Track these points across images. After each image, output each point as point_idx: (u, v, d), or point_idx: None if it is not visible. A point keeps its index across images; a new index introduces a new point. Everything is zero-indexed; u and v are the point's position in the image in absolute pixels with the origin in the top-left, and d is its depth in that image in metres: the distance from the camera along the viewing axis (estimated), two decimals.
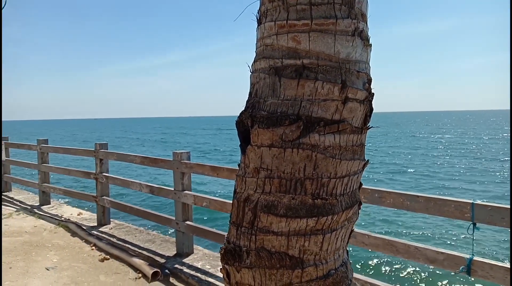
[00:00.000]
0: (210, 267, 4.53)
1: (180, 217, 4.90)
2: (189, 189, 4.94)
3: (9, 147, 8.72)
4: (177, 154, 4.91)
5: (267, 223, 1.25)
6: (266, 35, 1.31)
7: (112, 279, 4.35)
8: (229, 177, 4.53)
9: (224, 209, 4.52)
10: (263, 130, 1.24)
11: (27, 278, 4.29)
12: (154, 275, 4.34)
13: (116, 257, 4.91)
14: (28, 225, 6.35)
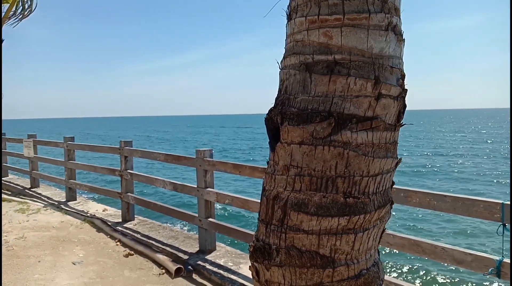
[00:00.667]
0: (233, 264, 4.54)
1: (203, 214, 4.93)
2: (212, 186, 4.96)
3: (37, 145, 8.97)
4: (200, 152, 4.94)
5: (297, 221, 1.24)
6: (296, 30, 1.29)
7: (136, 274, 4.42)
8: (251, 175, 4.53)
9: (246, 206, 4.53)
10: (293, 127, 1.22)
11: (55, 272, 4.40)
12: (178, 271, 4.38)
13: (140, 253, 4.98)
14: (55, 220, 6.52)
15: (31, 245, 5.23)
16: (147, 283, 4.21)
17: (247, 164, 4.61)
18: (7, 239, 5.45)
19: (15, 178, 10.70)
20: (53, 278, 4.24)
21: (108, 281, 4.22)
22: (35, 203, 7.85)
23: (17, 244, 5.27)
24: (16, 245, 5.23)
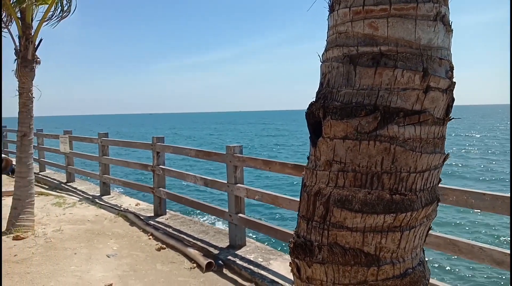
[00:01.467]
0: (263, 260, 4.54)
1: (233, 209, 4.95)
2: (242, 182, 4.97)
3: (72, 140, 9.27)
4: (230, 148, 4.96)
5: (340, 218, 1.21)
6: (339, 22, 1.26)
7: (168, 268, 4.49)
8: (281, 171, 4.51)
9: (276, 203, 4.52)
10: (336, 122, 1.19)
11: (90, 264, 4.53)
12: (208, 265, 4.42)
13: (172, 247, 5.05)
14: (90, 214, 6.72)
15: (68, 238, 5.41)
16: (179, 276, 4.27)
17: (277, 160, 4.60)
18: (45, 231, 5.65)
19: (52, 172, 11.12)
20: (88, 270, 4.36)
21: (141, 274, 4.30)
22: (71, 197, 8.12)
23: (54, 236, 5.46)
24: (54, 237, 5.42)
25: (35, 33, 5.65)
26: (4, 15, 5.78)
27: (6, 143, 14.61)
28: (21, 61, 5.57)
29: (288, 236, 4.36)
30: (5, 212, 6.43)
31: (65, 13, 5.89)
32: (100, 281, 4.09)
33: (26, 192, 5.66)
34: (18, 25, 5.56)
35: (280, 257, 4.63)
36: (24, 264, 4.50)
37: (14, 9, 5.44)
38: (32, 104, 5.70)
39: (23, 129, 5.65)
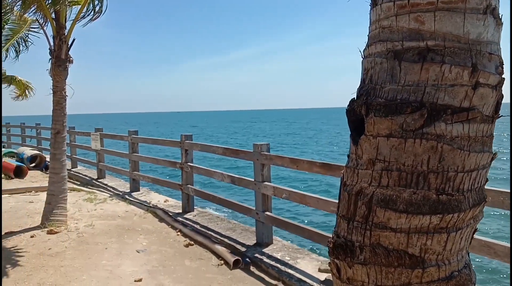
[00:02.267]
0: (290, 259, 4.52)
1: (260, 207, 4.95)
2: (269, 180, 4.97)
3: (103, 138, 9.51)
4: (257, 146, 4.96)
5: (384, 218, 1.17)
6: (383, 16, 1.22)
7: (196, 264, 4.53)
8: (309, 170, 4.48)
9: (303, 202, 4.48)
10: (380, 119, 1.16)
11: (121, 259, 4.63)
12: (236, 262, 4.44)
13: (200, 243, 5.10)
14: (120, 210, 6.87)
15: (99, 233, 5.55)
16: (207, 273, 4.30)
17: (305, 159, 4.56)
18: (77, 226, 5.82)
19: (83, 169, 11.44)
20: (119, 265, 4.46)
21: (170, 269, 4.36)
22: (102, 193, 8.33)
23: (86, 231, 5.61)
24: (86, 232, 5.57)
25: (68, 33, 5.81)
26: (40, 16, 5.96)
27: (39, 140, 15.14)
28: (55, 61, 5.74)
29: (315, 235, 4.32)
30: (39, 207, 6.66)
31: (96, 13, 6.02)
32: (130, 275, 4.17)
33: (60, 187, 5.84)
34: (53, 25, 5.73)
35: (307, 256, 4.60)
36: (58, 257, 4.65)
37: (49, 10, 5.59)
38: (65, 102, 5.87)
39: (56, 126, 5.82)
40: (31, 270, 4.28)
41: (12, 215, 6.54)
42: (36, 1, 5.46)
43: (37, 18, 6.10)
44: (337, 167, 4.07)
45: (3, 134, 17.11)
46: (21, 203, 7.43)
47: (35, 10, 5.77)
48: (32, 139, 16.15)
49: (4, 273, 4.21)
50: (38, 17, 6.04)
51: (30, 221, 6.12)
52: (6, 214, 6.60)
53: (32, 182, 9.80)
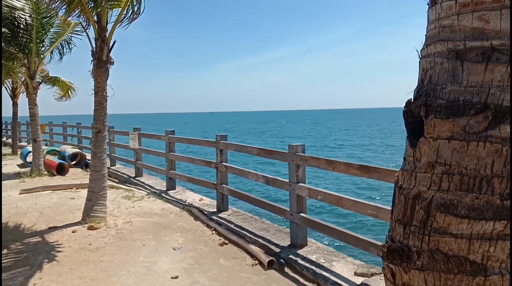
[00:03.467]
0: (325, 261, 4.47)
1: (294, 208, 4.93)
2: (304, 181, 4.93)
3: (141, 137, 9.76)
4: (292, 147, 4.94)
5: (444, 223, 1.14)
6: (443, 15, 1.19)
7: (231, 263, 4.56)
8: (346, 172, 4.41)
9: (339, 204, 4.42)
10: (441, 121, 1.12)
11: (157, 256, 4.72)
12: (270, 263, 4.43)
13: (234, 243, 5.13)
14: (157, 207, 7.02)
15: (137, 230, 5.69)
16: (241, 272, 4.32)
17: (342, 160, 4.50)
18: (116, 223, 5.99)
19: (121, 167, 11.77)
20: (156, 262, 4.55)
21: (205, 267, 4.41)
22: (139, 191, 8.54)
23: (125, 228, 5.76)
24: (124, 228, 5.72)
25: (109, 35, 5.99)
26: (83, 19, 6.18)
27: (80, 138, 15.72)
28: (97, 62, 5.94)
29: (352, 239, 4.25)
30: (80, 203, 6.91)
31: (135, 14, 6.18)
32: (167, 272, 4.24)
33: (100, 185, 6.03)
34: (95, 28, 5.92)
35: (343, 259, 4.53)
36: (98, 252, 4.80)
37: (92, 13, 5.79)
38: (106, 103, 6.06)
39: (98, 125, 6.02)
40: (73, 264, 4.44)
41: (55, 211, 6.82)
42: (80, 5, 5.67)
43: (80, 21, 6.33)
44: (374, 170, 4.00)
45: (46, 132, 17.89)
46: (63, 199, 7.73)
47: (78, 14, 5.99)
48: (73, 137, 16.82)
49: (48, 265, 4.40)
50: (81, 21, 6.27)
51: (72, 216, 6.36)
52: (49, 210, 6.90)
53: (73, 179, 10.20)
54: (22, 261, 4.51)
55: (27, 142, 20.18)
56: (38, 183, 9.62)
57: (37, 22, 9.98)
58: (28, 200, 7.75)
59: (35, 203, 7.42)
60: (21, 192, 8.40)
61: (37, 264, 4.44)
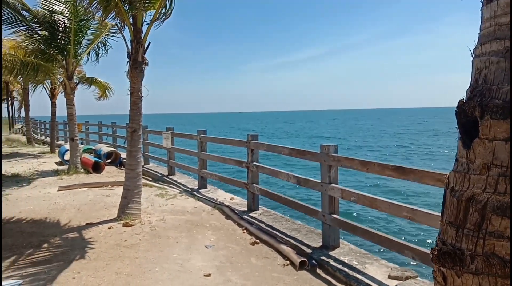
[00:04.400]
0: (358, 264, 4.41)
1: (326, 209, 4.89)
2: (336, 182, 4.89)
3: (174, 137, 9.94)
4: (325, 147, 4.90)
5: (500, 227, 1.10)
6: (500, 13, 1.15)
7: (262, 262, 4.57)
8: (381, 173, 4.33)
9: (373, 206, 4.35)
10: (497, 122, 1.09)
11: (190, 253, 4.79)
12: (302, 264, 4.42)
13: (265, 242, 5.14)
14: (189, 206, 7.13)
15: (170, 227, 5.79)
16: (273, 272, 4.32)
17: (376, 161, 4.42)
18: (150, 220, 6.12)
19: (155, 166, 12.03)
20: (189, 259, 4.61)
21: (237, 266, 4.44)
22: (172, 189, 8.70)
23: (158, 225, 5.88)
24: (158, 226, 5.84)
25: (144, 37, 6.13)
26: (118, 21, 6.36)
27: (115, 137, 16.19)
28: (132, 63, 6.09)
29: (386, 241, 4.18)
30: (115, 201, 7.11)
31: (167, 15, 6.28)
32: (200, 270, 4.29)
33: (135, 183, 6.18)
34: (130, 30, 6.08)
35: (376, 261, 4.46)
36: (133, 249, 4.92)
37: (127, 15, 5.95)
38: (141, 103, 6.20)
39: (133, 125, 6.17)
40: (109, 259, 4.57)
41: (92, 208, 7.05)
42: (116, 7, 5.83)
43: (116, 23, 6.51)
44: (411, 171, 3.91)
45: (82, 132, 18.51)
46: (99, 196, 7.98)
47: (114, 16, 6.16)
48: (108, 136, 17.35)
49: (86, 260, 4.54)
50: (117, 22, 6.45)
51: (107, 213, 6.55)
52: (86, 206, 7.14)
53: (108, 177, 10.51)
54: (61, 256, 4.68)
55: (64, 141, 20.96)
56: (75, 180, 9.97)
57: (75, 24, 10.35)
58: (66, 196, 8.05)
59: (72, 200, 7.69)
60: (59, 189, 8.73)
61: (75, 258, 4.59)
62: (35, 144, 23.10)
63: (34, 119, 31.28)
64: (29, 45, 10.66)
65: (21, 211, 6.86)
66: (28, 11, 10.01)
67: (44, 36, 10.40)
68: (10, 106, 35.64)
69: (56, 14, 10.12)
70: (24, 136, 28.47)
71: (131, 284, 3.94)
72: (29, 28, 10.10)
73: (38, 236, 5.43)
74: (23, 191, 8.69)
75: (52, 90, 17.96)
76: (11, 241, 5.21)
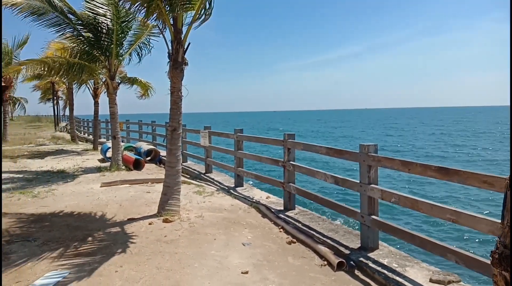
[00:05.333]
0: (397, 266, 4.31)
1: (365, 210, 4.80)
2: (376, 182, 4.79)
3: (211, 135, 10.10)
4: (364, 147, 4.81)
5: None
6: None
7: (299, 262, 4.56)
8: (423, 174, 4.21)
9: (415, 207, 4.23)
10: None
11: (228, 251, 4.85)
12: (340, 264, 4.37)
13: (302, 242, 5.13)
14: (226, 203, 7.22)
15: (208, 224, 5.89)
16: (310, 272, 4.30)
17: (418, 162, 4.30)
18: (189, 217, 6.26)
19: (192, 164, 12.29)
20: (226, 256, 4.67)
21: (274, 265, 4.45)
22: (209, 186, 8.85)
23: (197, 222, 6.00)
24: (196, 222, 5.96)
25: (184, 37, 6.26)
26: (160, 23, 6.52)
27: (154, 136, 16.66)
28: (173, 64, 6.23)
29: (428, 244, 4.05)
30: (155, 197, 7.33)
31: (206, 15, 6.38)
32: (237, 267, 4.34)
33: (174, 180, 6.33)
34: (171, 30, 6.22)
35: (417, 264, 4.34)
36: (173, 244, 5.04)
37: (168, 16, 6.09)
38: (181, 102, 6.35)
39: (173, 124, 6.32)
40: (150, 254, 4.70)
41: (133, 203, 7.29)
42: (158, 8, 5.98)
43: (157, 24, 6.68)
44: (455, 172, 3.78)
45: (123, 130, 19.18)
46: (139, 193, 8.24)
47: (156, 17, 6.33)
48: (147, 135, 17.89)
49: (127, 255, 4.70)
50: (158, 24, 6.62)
51: (148, 209, 6.75)
52: (128, 202, 7.39)
53: (148, 174, 10.83)
54: (104, 249, 4.87)
55: (106, 139, 21.79)
56: (116, 177, 10.34)
57: (117, 25, 10.72)
58: (109, 192, 8.37)
59: (114, 196, 7.99)
60: (102, 185, 9.10)
61: (117, 252, 4.76)
62: (78, 142, 24.16)
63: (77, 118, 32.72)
64: (75, 46, 11.16)
65: (67, 205, 7.20)
66: (74, 14, 10.47)
67: (88, 38, 10.85)
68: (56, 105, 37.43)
69: (99, 16, 10.52)
70: (68, 134, 29.87)
71: (171, 279, 4.04)
72: (75, 30, 10.56)
73: (83, 230, 5.67)
74: (68, 187, 9.12)
75: (95, 89, 18.75)
76: (59, 234, 5.48)
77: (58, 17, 10.06)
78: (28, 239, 5.24)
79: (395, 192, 4.53)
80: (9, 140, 22.48)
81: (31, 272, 4.19)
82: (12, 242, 5.13)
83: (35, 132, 33.30)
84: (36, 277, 4.05)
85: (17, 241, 5.18)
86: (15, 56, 19.73)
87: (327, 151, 5.61)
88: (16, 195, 8.07)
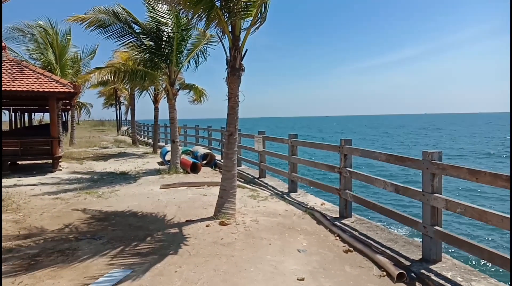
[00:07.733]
0: (462, 280, 4.06)
1: (428, 220, 4.58)
2: (440, 192, 4.56)
3: (265, 140, 10.17)
4: (428, 154, 4.60)
5: None
6: None
7: (356, 271, 4.44)
8: (492, 184, 3.94)
9: (483, 219, 3.96)
10: None
11: (283, 256, 4.83)
12: (400, 276, 4.21)
13: (359, 251, 4.99)
14: (280, 208, 7.22)
15: (263, 228, 5.92)
16: (368, 282, 4.18)
17: (487, 170, 4.03)
18: (244, 220, 6.33)
19: (246, 168, 12.45)
20: (282, 261, 4.65)
21: (331, 273, 4.37)
22: (263, 191, 8.90)
23: (252, 225, 6.05)
24: (251, 226, 6.01)
25: (242, 44, 6.37)
26: (219, 30, 6.68)
27: (210, 140, 17.11)
28: (231, 70, 6.36)
29: (497, 258, 3.78)
30: (211, 200, 7.49)
31: (262, 19, 6.42)
32: (293, 273, 4.31)
33: (230, 184, 6.45)
34: (229, 38, 6.36)
35: (484, 279, 4.07)
36: (229, 247, 5.11)
37: (227, 23, 6.23)
38: (238, 107, 6.46)
39: (230, 129, 6.45)
40: (208, 256, 4.80)
41: (190, 205, 7.51)
42: (217, 17, 6.14)
43: (216, 32, 6.85)
44: None
45: (181, 134, 19.89)
46: (196, 195, 8.48)
47: (215, 26, 6.49)
48: (203, 139, 18.42)
49: (186, 256, 4.82)
50: (217, 31, 6.79)
51: (205, 212, 6.92)
52: (186, 204, 7.63)
53: (204, 177, 11.13)
54: (164, 249, 5.05)
55: (165, 143, 22.70)
56: (175, 179, 10.73)
57: (178, 34, 11.17)
58: (168, 194, 8.70)
59: (173, 198, 8.29)
60: (162, 187, 9.48)
61: (176, 253, 4.92)
62: (139, 145, 25.38)
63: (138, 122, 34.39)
64: (138, 55, 11.79)
65: (129, 206, 7.58)
66: (137, 24, 11.07)
67: (150, 46, 11.40)
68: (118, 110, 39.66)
69: (161, 25, 11.02)
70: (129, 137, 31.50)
71: (228, 282, 4.10)
72: (138, 39, 11.16)
73: (144, 229, 5.93)
74: (130, 188, 9.60)
75: (155, 95, 19.64)
76: (121, 233, 5.77)
77: (123, 28, 10.69)
78: (94, 237, 5.58)
79: (461, 202, 4.28)
80: (76, 143, 24.07)
81: (96, 268, 4.45)
82: (79, 239, 5.50)
83: (99, 136, 35.48)
84: (101, 273, 4.29)
85: (84, 238, 5.54)
86: (83, 65, 21.13)
87: (387, 158, 5.43)
88: (82, 195, 8.64)
